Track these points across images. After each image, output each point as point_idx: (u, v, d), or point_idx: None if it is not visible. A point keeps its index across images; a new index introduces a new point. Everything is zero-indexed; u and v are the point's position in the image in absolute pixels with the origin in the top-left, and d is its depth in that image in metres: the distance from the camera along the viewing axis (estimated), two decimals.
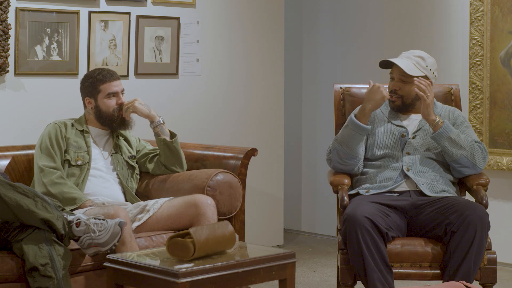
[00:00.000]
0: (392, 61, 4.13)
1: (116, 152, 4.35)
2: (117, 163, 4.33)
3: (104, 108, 4.28)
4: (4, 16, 4.57)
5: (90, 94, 4.29)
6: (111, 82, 4.28)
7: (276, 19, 5.97)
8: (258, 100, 5.90)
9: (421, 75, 4.12)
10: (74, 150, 4.22)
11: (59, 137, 4.21)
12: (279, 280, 3.53)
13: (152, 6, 5.28)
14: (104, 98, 4.27)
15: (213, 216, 4.05)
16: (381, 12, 5.99)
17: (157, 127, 4.36)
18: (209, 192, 4.21)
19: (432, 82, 4.17)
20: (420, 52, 4.19)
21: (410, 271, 3.85)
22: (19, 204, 3.54)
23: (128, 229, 3.79)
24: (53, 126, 4.25)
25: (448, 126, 4.05)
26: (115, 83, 4.29)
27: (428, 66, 4.14)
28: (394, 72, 4.17)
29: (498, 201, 5.37)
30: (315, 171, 6.46)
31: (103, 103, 4.27)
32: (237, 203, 4.32)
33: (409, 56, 4.16)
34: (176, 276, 3.19)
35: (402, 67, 4.09)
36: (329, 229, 6.25)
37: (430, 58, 4.17)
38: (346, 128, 4.09)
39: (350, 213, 3.80)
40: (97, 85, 4.27)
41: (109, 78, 4.27)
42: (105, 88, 4.27)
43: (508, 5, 5.27)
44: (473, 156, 4.05)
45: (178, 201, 4.12)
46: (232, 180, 4.31)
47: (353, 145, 4.06)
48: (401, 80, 4.14)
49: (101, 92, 4.27)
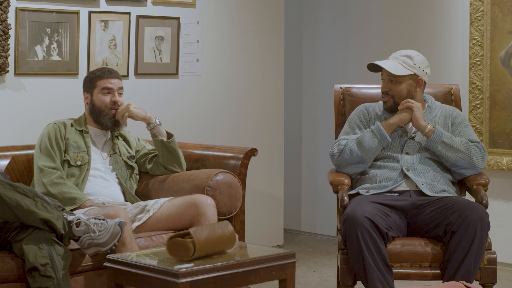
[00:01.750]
0: (376, 63, 4.16)
1: (115, 152, 4.36)
2: (116, 163, 4.33)
3: (97, 102, 4.29)
4: (4, 16, 4.57)
5: (87, 89, 4.33)
6: (108, 78, 4.30)
7: (276, 19, 5.97)
8: (258, 100, 5.90)
9: (409, 74, 4.13)
10: (74, 151, 4.22)
11: (58, 137, 4.21)
12: (279, 280, 3.53)
13: (152, 6, 5.28)
14: (99, 93, 4.29)
15: (213, 216, 4.05)
16: (381, 12, 5.99)
17: (154, 128, 4.36)
18: (209, 192, 4.21)
19: (425, 80, 4.17)
20: (409, 51, 4.20)
21: (410, 271, 3.85)
22: (19, 204, 3.54)
23: (128, 230, 3.79)
24: (53, 126, 4.25)
25: (440, 131, 4.06)
26: (113, 80, 4.30)
27: (417, 64, 4.14)
28: (383, 74, 4.21)
29: (498, 201, 5.37)
30: (315, 171, 6.46)
31: (98, 98, 4.29)
32: (237, 203, 4.32)
33: (396, 56, 4.18)
34: (176, 276, 3.19)
35: (387, 68, 4.12)
36: (329, 229, 6.25)
37: (419, 56, 4.17)
38: (369, 133, 4.10)
39: (350, 213, 3.80)
40: (95, 81, 4.30)
41: (107, 75, 4.30)
42: (101, 84, 4.29)
43: (508, 5, 5.27)
44: (470, 156, 4.05)
45: (178, 201, 4.11)
46: (232, 180, 4.31)
47: (370, 152, 4.07)
48: (390, 81, 4.17)
49: (97, 87, 4.29)
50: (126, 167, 4.37)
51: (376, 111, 4.24)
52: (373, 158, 4.11)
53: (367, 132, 4.11)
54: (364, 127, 4.20)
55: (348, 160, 4.11)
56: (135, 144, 4.49)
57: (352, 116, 4.28)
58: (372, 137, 4.08)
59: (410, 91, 4.15)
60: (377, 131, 4.09)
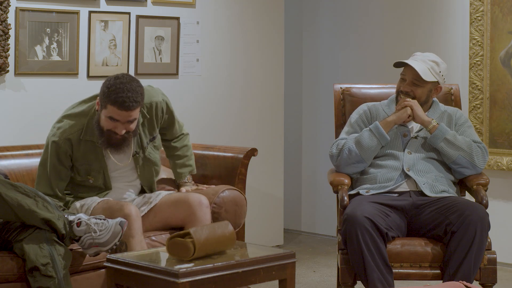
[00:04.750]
0: (409, 63, 4.11)
1: (137, 153, 4.12)
2: (138, 166, 4.14)
3: (102, 122, 3.94)
4: (4, 16, 4.57)
5: (100, 100, 3.95)
6: (118, 110, 3.86)
7: (276, 19, 5.97)
8: (258, 100, 5.90)
9: (434, 81, 4.12)
10: (84, 169, 4.01)
11: (62, 158, 3.97)
12: (279, 280, 3.53)
13: (152, 6, 5.28)
14: (105, 116, 3.92)
15: (205, 216, 4.03)
16: (382, 12, 5.99)
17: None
18: (215, 209, 4.20)
19: (442, 88, 4.17)
20: (435, 56, 4.16)
21: (410, 271, 3.85)
22: (20, 204, 3.54)
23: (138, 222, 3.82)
24: (55, 147, 3.97)
25: (444, 128, 4.06)
26: (122, 113, 3.86)
27: (441, 72, 4.13)
28: (406, 74, 4.15)
29: (498, 201, 5.37)
30: (315, 171, 6.46)
31: (103, 118, 3.93)
32: (241, 220, 4.32)
33: (424, 59, 4.13)
34: (176, 276, 3.19)
35: (419, 71, 4.07)
36: (329, 229, 6.25)
37: (443, 63, 4.15)
38: (368, 132, 4.09)
39: (350, 213, 3.80)
40: (106, 102, 3.88)
41: (118, 106, 3.84)
42: (110, 110, 3.88)
43: (508, 5, 5.27)
44: (471, 156, 4.05)
45: (174, 196, 4.12)
46: (237, 197, 4.30)
47: (368, 151, 4.07)
48: (413, 84, 4.12)
49: (106, 109, 3.88)
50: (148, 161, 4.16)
51: (379, 110, 4.23)
52: (373, 157, 4.11)
53: (365, 131, 4.11)
54: (366, 127, 4.18)
55: (347, 160, 4.11)
56: (161, 118, 4.21)
57: (354, 115, 4.28)
58: (371, 136, 4.08)
59: (428, 97, 4.14)
60: (375, 130, 4.09)
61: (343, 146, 4.12)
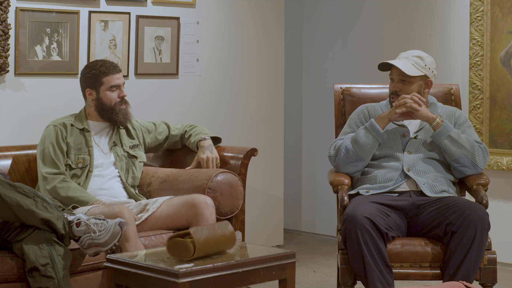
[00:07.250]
0: (391, 62, 4.14)
1: (116, 145, 4.30)
2: (117, 156, 4.28)
3: (106, 100, 4.23)
4: (4, 16, 4.57)
5: (92, 86, 4.24)
6: (114, 74, 4.24)
7: (276, 19, 5.97)
8: (258, 100, 5.90)
9: (420, 75, 4.13)
10: (75, 153, 4.17)
11: (60, 140, 4.17)
12: (279, 280, 3.53)
13: (152, 6, 5.28)
14: (107, 91, 4.23)
15: (211, 216, 4.04)
16: (381, 12, 5.99)
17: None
18: (210, 194, 4.19)
19: (432, 81, 4.18)
20: (418, 51, 4.19)
21: (410, 271, 3.85)
22: (20, 204, 3.54)
23: (132, 226, 3.80)
24: (53, 128, 4.20)
25: (448, 125, 4.06)
26: (118, 76, 4.24)
27: (427, 65, 4.14)
28: (393, 74, 4.18)
29: (498, 201, 5.37)
30: (315, 171, 6.46)
31: (105, 95, 4.23)
32: (239, 201, 4.31)
33: (407, 56, 4.16)
34: (176, 276, 3.19)
35: (401, 68, 4.10)
36: (329, 229, 6.25)
37: (428, 57, 4.17)
38: (363, 130, 4.09)
39: (350, 213, 3.80)
40: (100, 77, 4.21)
41: (112, 71, 4.23)
42: (108, 81, 4.22)
43: (508, 5, 5.27)
44: (473, 155, 4.05)
45: (177, 200, 4.11)
46: (232, 180, 4.30)
47: (365, 148, 4.07)
48: (401, 81, 4.15)
49: (104, 85, 4.22)
50: (127, 157, 4.32)
51: (378, 111, 4.24)
52: (371, 155, 4.10)
53: (361, 129, 4.11)
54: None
55: (345, 159, 4.11)
56: (140, 131, 4.44)
57: (353, 116, 4.28)
58: (366, 134, 4.08)
59: (420, 92, 4.14)
60: (370, 127, 4.08)
61: (340, 146, 4.13)
